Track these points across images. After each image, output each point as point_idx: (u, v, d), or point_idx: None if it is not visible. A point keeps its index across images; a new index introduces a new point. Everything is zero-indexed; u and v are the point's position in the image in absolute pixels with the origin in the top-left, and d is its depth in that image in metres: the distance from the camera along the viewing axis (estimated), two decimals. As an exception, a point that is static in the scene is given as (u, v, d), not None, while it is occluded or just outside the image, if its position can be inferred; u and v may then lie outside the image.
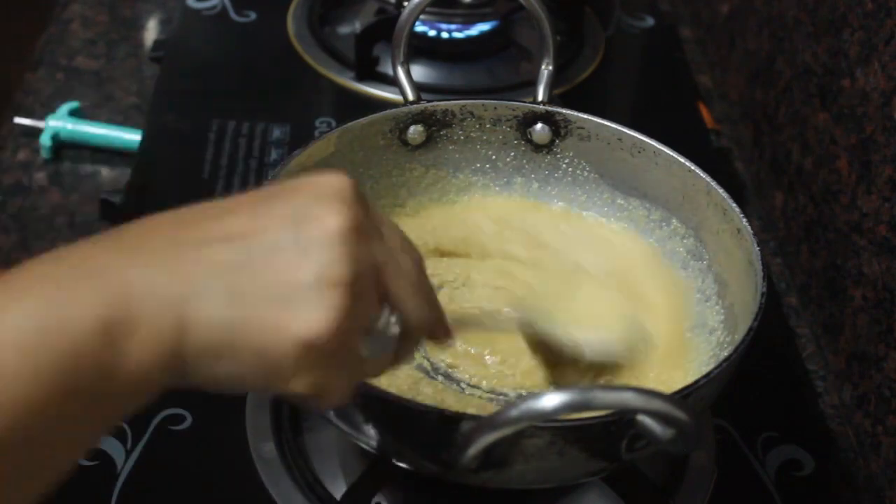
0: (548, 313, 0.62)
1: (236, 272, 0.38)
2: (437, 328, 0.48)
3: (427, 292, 0.46)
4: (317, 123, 0.91)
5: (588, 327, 0.62)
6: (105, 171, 0.90)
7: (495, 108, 0.70)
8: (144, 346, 0.36)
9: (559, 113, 0.69)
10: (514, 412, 0.44)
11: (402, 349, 0.45)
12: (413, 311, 0.44)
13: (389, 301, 0.43)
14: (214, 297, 0.37)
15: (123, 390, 0.36)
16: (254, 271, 0.38)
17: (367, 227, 0.41)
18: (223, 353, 0.37)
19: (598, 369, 0.62)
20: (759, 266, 0.57)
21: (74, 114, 0.91)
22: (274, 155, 0.87)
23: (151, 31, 1.07)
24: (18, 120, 0.91)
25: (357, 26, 0.94)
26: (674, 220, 0.68)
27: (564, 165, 0.71)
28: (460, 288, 0.68)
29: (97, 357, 0.34)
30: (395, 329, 0.43)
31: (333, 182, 0.41)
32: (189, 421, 0.65)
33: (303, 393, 0.39)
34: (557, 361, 0.62)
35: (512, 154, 0.72)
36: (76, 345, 0.34)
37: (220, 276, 0.38)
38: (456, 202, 0.73)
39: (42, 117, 0.90)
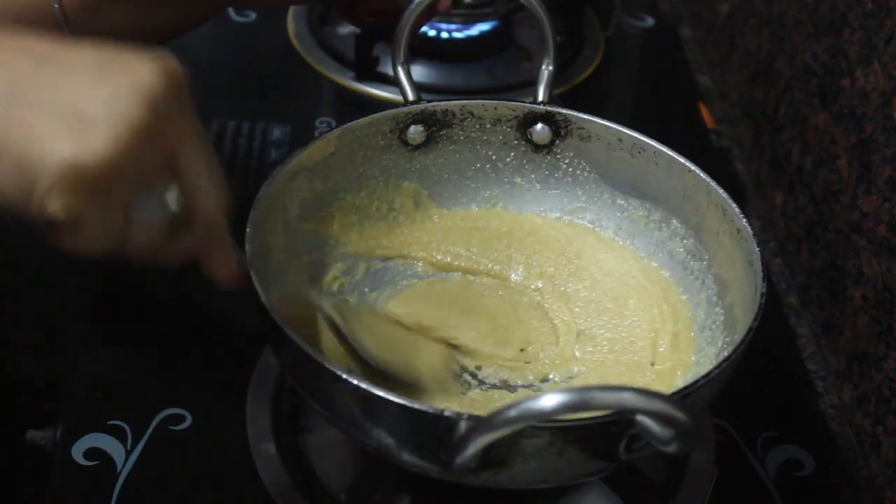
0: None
1: (23, 79, 0.39)
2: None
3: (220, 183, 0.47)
4: (317, 123, 0.91)
5: None
6: (105, 171, 0.89)
7: (495, 108, 0.70)
8: None
9: (559, 113, 0.69)
10: (512, 412, 0.44)
11: (187, 236, 0.46)
12: (203, 194, 0.45)
13: (178, 178, 0.44)
14: None
15: None
16: (41, 81, 0.39)
17: (178, 101, 0.43)
18: None
19: None
20: (758, 266, 0.57)
21: (74, 114, 0.91)
22: (274, 155, 0.87)
23: (152, 31, 1.07)
24: (18, 120, 0.91)
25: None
26: (674, 221, 0.68)
27: (564, 166, 0.71)
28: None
29: None
30: (173, 204, 0.44)
31: (166, 58, 0.43)
32: (189, 421, 0.65)
33: (54, 215, 0.39)
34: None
35: (512, 154, 0.72)
36: None
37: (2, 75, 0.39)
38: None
39: (42, 117, 0.90)
